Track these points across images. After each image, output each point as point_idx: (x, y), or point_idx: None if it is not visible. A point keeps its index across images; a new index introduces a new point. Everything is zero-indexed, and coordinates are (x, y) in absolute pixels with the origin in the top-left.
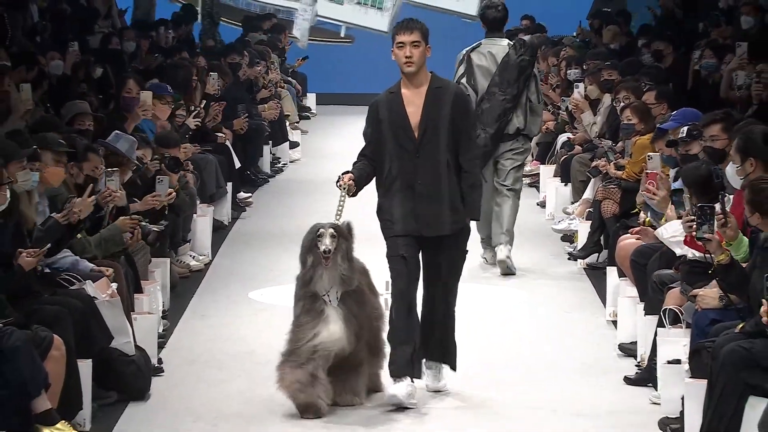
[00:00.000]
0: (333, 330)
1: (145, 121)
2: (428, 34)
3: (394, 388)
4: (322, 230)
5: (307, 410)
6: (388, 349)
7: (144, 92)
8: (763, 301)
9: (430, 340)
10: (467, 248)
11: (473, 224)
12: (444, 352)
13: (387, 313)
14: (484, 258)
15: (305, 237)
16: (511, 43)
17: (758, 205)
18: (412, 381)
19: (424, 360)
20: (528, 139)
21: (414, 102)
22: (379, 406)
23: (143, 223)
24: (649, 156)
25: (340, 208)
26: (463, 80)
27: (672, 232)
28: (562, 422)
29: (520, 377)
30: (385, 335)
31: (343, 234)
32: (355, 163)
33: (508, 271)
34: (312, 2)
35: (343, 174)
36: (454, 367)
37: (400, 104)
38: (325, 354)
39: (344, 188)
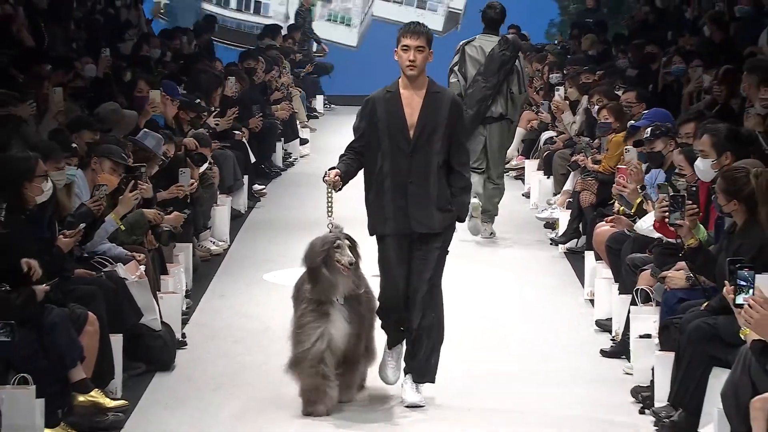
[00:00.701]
0: (340, 328)
1: (156, 115)
2: (432, 40)
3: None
4: (339, 241)
5: (318, 414)
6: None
7: (153, 91)
8: (726, 282)
9: (414, 358)
10: (449, 249)
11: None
12: (424, 372)
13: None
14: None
15: (318, 246)
16: (501, 38)
17: (736, 192)
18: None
19: (405, 375)
20: (510, 122)
21: (412, 104)
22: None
23: (163, 226)
24: (626, 149)
25: (330, 203)
26: (456, 68)
27: (649, 224)
28: (543, 389)
29: (504, 349)
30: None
31: (353, 241)
32: (341, 156)
33: (485, 226)
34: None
35: (329, 170)
36: (433, 381)
37: (399, 104)
38: (336, 352)
39: (330, 184)
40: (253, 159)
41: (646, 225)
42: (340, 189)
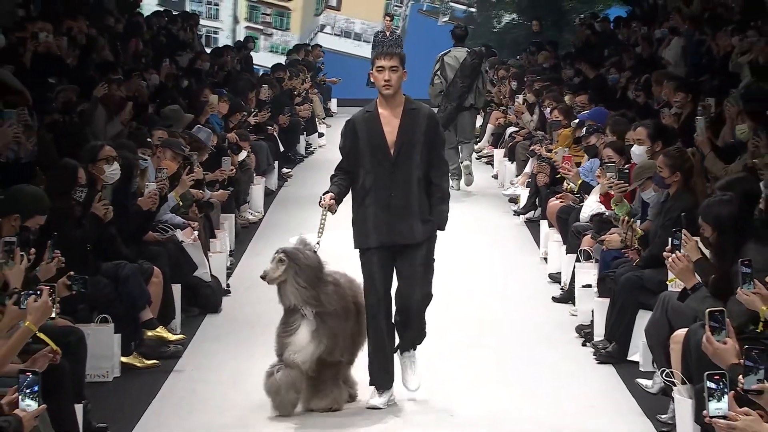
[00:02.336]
0: (298, 341)
1: (213, 115)
2: (405, 60)
3: (375, 401)
4: (275, 255)
5: (278, 411)
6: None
7: (212, 96)
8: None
9: (402, 337)
10: (434, 257)
11: None
12: (414, 341)
13: None
14: (452, 186)
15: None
16: (469, 50)
17: (679, 166)
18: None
19: (398, 354)
20: (477, 110)
21: (390, 122)
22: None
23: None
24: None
25: (322, 226)
26: (438, 72)
27: (588, 211)
28: (504, 330)
29: (473, 297)
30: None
31: (296, 259)
32: (333, 178)
33: (469, 177)
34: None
35: (324, 194)
36: (420, 342)
37: (378, 123)
38: (293, 363)
39: (325, 208)
40: (281, 148)
41: (585, 216)
42: (335, 211)
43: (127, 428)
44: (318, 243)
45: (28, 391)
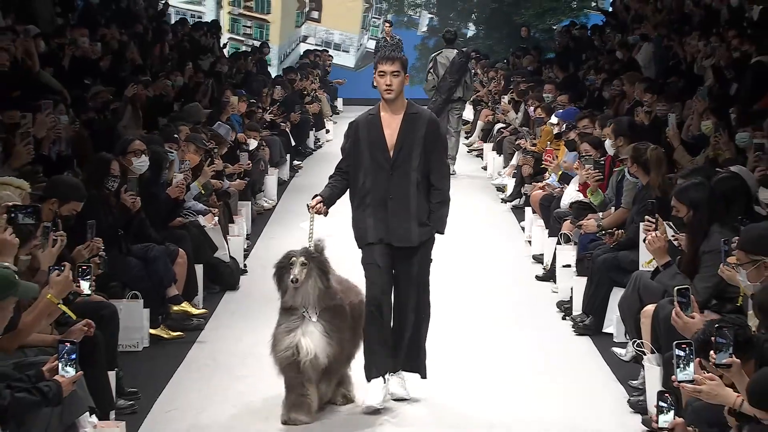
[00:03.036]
0: (306, 344)
1: (234, 115)
2: (407, 65)
3: (370, 398)
4: (294, 259)
5: (296, 423)
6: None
7: (233, 97)
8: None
9: (400, 352)
10: (432, 257)
11: None
12: (413, 363)
13: None
14: None
15: (278, 262)
16: (458, 51)
17: (638, 158)
18: (385, 381)
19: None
20: (464, 102)
21: (391, 125)
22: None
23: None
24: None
25: (311, 230)
26: (432, 70)
27: (567, 199)
28: (491, 305)
29: (463, 276)
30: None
31: (314, 257)
32: (330, 178)
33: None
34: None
35: (313, 197)
36: (424, 375)
37: (379, 126)
38: (298, 365)
39: (313, 212)
40: (293, 143)
41: (565, 203)
42: (326, 214)
43: (156, 393)
44: (310, 246)
45: (66, 359)
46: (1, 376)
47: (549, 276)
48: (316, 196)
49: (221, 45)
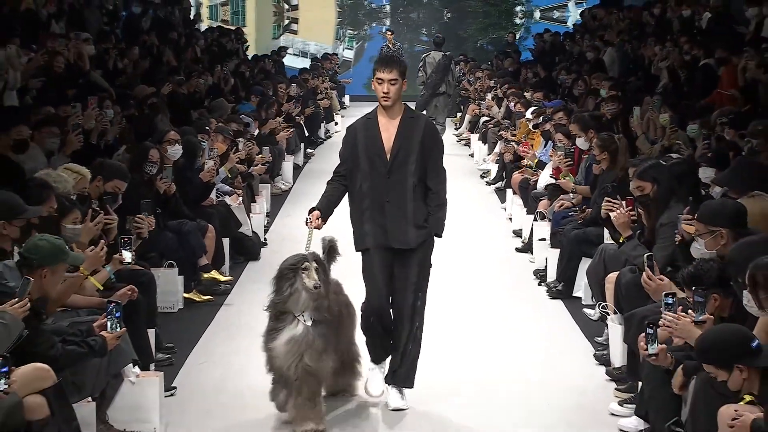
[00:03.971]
0: (280, 350)
1: (248, 105)
2: (406, 71)
3: (373, 376)
4: (307, 263)
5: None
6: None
7: (254, 97)
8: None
9: (400, 367)
10: (431, 262)
11: None
12: (407, 378)
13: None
14: None
15: (290, 261)
16: (443, 53)
17: (606, 147)
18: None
19: (389, 384)
20: (449, 96)
21: (389, 129)
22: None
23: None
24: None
25: (309, 242)
26: (421, 68)
27: (543, 182)
28: (476, 274)
29: (450, 249)
30: (356, 348)
31: (321, 263)
32: (328, 183)
33: None
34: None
35: (311, 211)
36: (411, 386)
37: (376, 130)
38: (279, 371)
39: (312, 227)
40: (306, 133)
41: (540, 185)
42: (320, 228)
43: (189, 347)
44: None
45: (112, 317)
46: (56, 331)
47: (527, 248)
48: (313, 209)
49: (245, 49)
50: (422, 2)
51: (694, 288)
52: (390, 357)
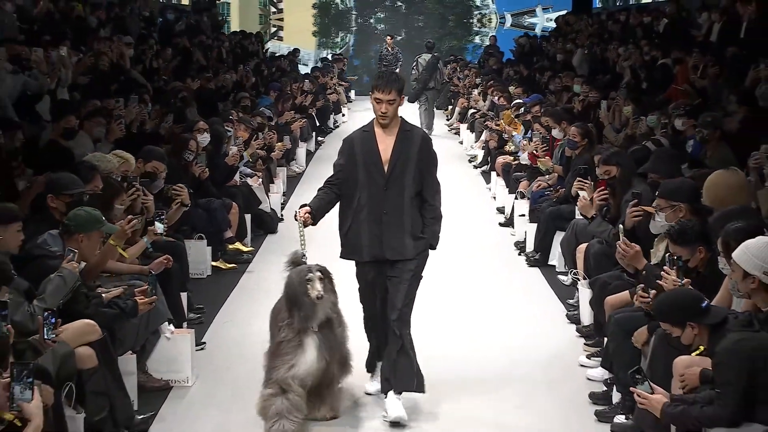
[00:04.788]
0: (309, 359)
1: (266, 98)
2: (404, 88)
3: (371, 386)
4: (311, 274)
5: None
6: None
7: (273, 92)
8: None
9: (396, 373)
10: (422, 275)
11: None
12: (409, 381)
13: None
14: None
15: (295, 279)
16: (432, 54)
17: (585, 135)
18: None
19: (391, 392)
20: (436, 90)
21: (385, 141)
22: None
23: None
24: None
25: (302, 238)
26: (414, 68)
27: (524, 157)
28: (464, 245)
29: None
30: (349, 348)
31: (326, 272)
32: (319, 190)
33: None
34: None
35: (300, 207)
36: (423, 390)
37: (374, 142)
38: (302, 381)
39: (300, 222)
40: (317, 123)
41: (522, 158)
42: (314, 224)
43: (216, 309)
44: (305, 255)
45: (152, 285)
46: (96, 296)
47: (508, 223)
48: (304, 205)
49: (264, 50)
50: (386, 6)
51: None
52: (381, 363)
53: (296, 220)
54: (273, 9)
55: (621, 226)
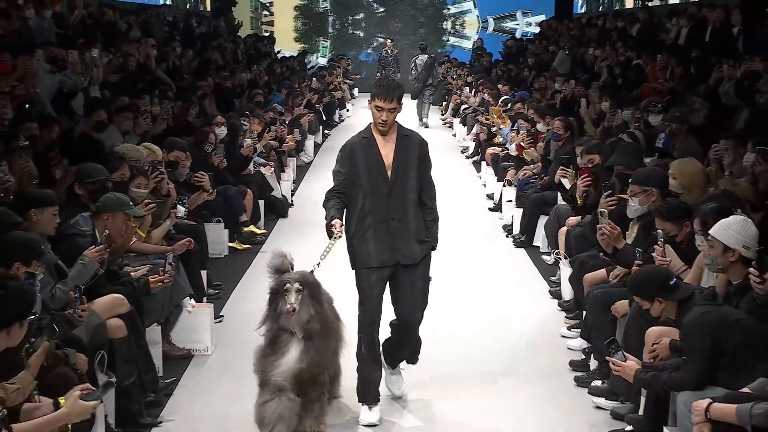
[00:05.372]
0: (289, 359)
1: (278, 95)
2: (403, 95)
3: (368, 416)
4: (288, 285)
5: None
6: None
7: (284, 90)
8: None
9: (398, 356)
10: (431, 275)
11: None
12: (414, 354)
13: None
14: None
15: (273, 285)
16: (428, 55)
17: (567, 127)
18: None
19: (387, 369)
20: (433, 86)
21: (386, 147)
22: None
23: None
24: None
25: (327, 252)
26: (413, 68)
27: (513, 148)
28: (456, 227)
29: None
30: (341, 360)
31: (308, 282)
32: (328, 202)
33: (423, 125)
34: None
35: (332, 222)
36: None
37: (375, 147)
38: (282, 380)
39: (337, 236)
40: (324, 117)
41: (510, 149)
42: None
43: (233, 285)
44: (318, 264)
45: (169, 264)
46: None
47: (497, 208)
48: (333, 218)
49: (276, 52)
50: (364, 7)
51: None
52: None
53: (335, 236)
54: (265, 12)
55: (603, 210)
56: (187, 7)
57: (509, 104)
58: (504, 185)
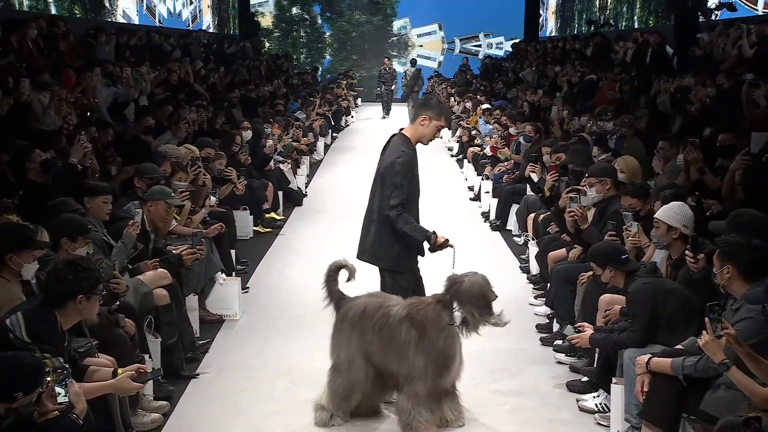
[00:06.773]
0: (458, 359)
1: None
2: None
3: None
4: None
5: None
6: None
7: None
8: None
9: None
10: None
11: None
12: None
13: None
14: None
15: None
16: (415, 68)
17: (536, 131)
18: None
19: None
20: (416, 93)
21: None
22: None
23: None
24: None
25: (455, 258)
26: (404, 80)
27: (487, 149)
28: (439, 215)
29: (422, 201)
30: None
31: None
32: (402, 216)
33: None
34: None
35: (438, 237)
36: None
37: (417, 160)
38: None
39: (450, 245)
40: (333, 123)
41: (486, 150)
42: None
43: (256, 262)
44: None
45: (198, 245)
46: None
47: (477, 198)
48: (434, 234)
49: (293, 66)
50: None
51: (708, 305)
52: None
53: (451, 246)
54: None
55: (575, 195)
56: (224, 30)
57: (487, 112)
58: (482, 179)
